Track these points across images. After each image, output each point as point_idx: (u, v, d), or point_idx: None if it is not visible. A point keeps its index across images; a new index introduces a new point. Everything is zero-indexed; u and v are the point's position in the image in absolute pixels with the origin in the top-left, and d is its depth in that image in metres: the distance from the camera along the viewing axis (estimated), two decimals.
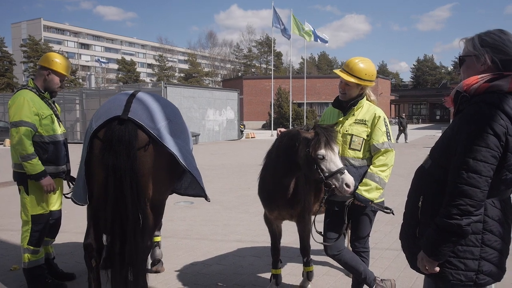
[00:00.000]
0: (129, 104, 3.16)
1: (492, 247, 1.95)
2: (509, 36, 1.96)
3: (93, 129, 3.10)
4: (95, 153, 3.10)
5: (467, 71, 2.04)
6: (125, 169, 2.97)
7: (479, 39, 1.99)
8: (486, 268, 1.94)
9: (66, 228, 4.37)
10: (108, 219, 3.01)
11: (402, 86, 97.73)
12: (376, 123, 3.27)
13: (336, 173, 2.97)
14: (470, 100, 1.92)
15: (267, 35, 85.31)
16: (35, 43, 66.77)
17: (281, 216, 3.66)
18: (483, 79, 1.91)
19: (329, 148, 3.00)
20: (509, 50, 1.93)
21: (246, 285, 4.12)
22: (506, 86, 1.88)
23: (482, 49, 1.96)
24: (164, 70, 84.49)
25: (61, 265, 4.35)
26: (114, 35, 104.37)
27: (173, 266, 4.62)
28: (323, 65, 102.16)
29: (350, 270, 3.38)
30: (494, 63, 1.95)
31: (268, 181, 3.52)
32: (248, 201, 8.17)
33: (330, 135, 3.04)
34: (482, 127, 1.81)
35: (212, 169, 13.05)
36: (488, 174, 1.82)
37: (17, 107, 3.75)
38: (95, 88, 30.74)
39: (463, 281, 1.94)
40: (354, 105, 3.33)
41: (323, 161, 3.00)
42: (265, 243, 5.45)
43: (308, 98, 42.12)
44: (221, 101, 29.06)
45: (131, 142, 3.01)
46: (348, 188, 2.95)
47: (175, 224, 6.44)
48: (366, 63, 3.29)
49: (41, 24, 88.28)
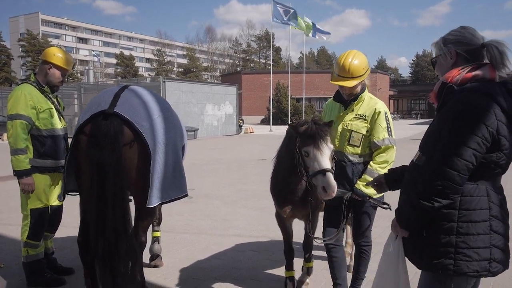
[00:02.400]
0: (117, 98, 3.11)
1: (499, 233, 1.95)
2: (469, 29, 2.10)
3: (79, 123, 3.08)
4: (82, 148, 3.07)
5: (440, 69, 2.17)
6: (109, 165, 2.93)
7: (442, 40, 2.15)
8: (497, 256, 1.93)
9: (65, 222, 4.37)
10: (93, 215, 2.98)
11: (401, 81, 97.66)
12: (376, 119, 3.21)
13: (317, 173, 2.84)
14: (456, 91, 1.97)
15: (266, 30, 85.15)
16: (32, 38, 66.54)
17: (294, 214, 3.59)
18: (464, 70, 2.00)
19: (315, 146, 2.89)
20: (469, 40, 2.06)
21: (244, 279, 4.14)
22: (488, 74, 1.98)
23: (445, 47, 2.11)
24: (163, 64, 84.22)
25: (60, 260, 4.36)
26: (113, 29, 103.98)
27: (172, 261, 4.63)
28: (322, 60, 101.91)
29: (335, 268, 3.32)
30: (460, 55, 2.06)
31: (279, 179, 3.45)
32: (247, 196, 8.17)
33: (320, 132, 2.92)
34: (469, 115, 1.84)
35: (211, 164, 13.06)
36: (470, 159, 1.83)
37: (14, 100, 3.77)
38: (93, 83, 30.69)
39: (479, 271, 1.91)
40: (354, 100, 3.28)
41: (308, 158, 2.92)
42: (264, 237, 5.47)
43: (307, 93, 42.06)
44: (219, 96, 29.02)
45: (117, 137, 2.97)
46: (324, 192, 2.79)
47: (173, 219, 6.45)
48: (358, 57, 3.17)
49: (39, 19, 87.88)
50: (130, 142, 3.05)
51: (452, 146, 1.85)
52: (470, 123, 1.84)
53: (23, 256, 3.89)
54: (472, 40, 2.06)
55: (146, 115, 3.12)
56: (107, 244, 2.94)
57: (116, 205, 2.96)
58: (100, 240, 2.94)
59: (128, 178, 3.06)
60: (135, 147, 3.08)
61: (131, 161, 3.07)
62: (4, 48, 66.15)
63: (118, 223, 2.97)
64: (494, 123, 1.84)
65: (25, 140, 3.73)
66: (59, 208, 4.10)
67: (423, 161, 2.05)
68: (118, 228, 2.97)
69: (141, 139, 3.05)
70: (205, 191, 8.65)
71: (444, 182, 1.84)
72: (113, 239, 2.94)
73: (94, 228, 2.97)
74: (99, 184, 2.94)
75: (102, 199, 2.94)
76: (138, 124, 3.04)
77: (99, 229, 2.94)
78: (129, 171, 3.07)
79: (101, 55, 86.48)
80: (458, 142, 1.84)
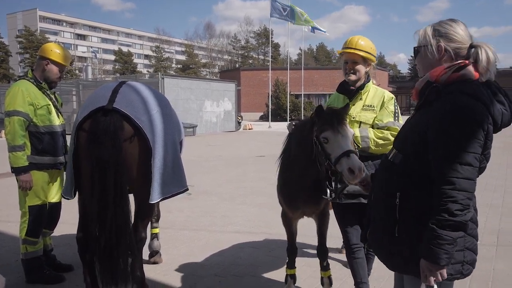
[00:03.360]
0: (115, 94, 3.10)
1: (472, 235, 1.95)
2: (460, 25, 1.98)
3: (78, 120, 3.07)
4: (81, 144, 3.06)
5: (422, 62, 2.06)
6: (109, 161, 2.92)
7: (432, 29, 2.00)
8: (469, 258, 1.93)
9: (63, 219, 4.36)
10: (94, 211, 2.97)
11: (399, 77, 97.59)
12: (387, 103, 3.19)
13: (341, 157, 2.60)
14: (443, 91, 1.90)
15: (264, 26, 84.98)
16: (30, 34, 66.33)
17: (304, 213, 3.47)
18: (450, 69, 1.91)
19: (334, 130, 2.70)
20: (461, 38, 1.96)
21: (244, 275, 4.14)
22: (473, 75, 1.90)
23: (434, 39, 1.98)
24: (161, 61, 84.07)
25: (59, 257, 4.35)
26: (111, 25, 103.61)
27: (171, 258, 4.63)
28: (321, 56, 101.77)
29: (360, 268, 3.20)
30: (447, 52, 1.97)
31: (290, 179, 3.27)
32: (246, 192, 8.15)
33: (338, 116, 2.76)
34: (467, 119, 1.79)
35: (210, 161, 13.05)
36: (477, 165, 1.81)
37: (11, 97, 3.76)
38: (92, 79, 30.62)
39: (452, 274, 1.90)
40: (362, 88, 3.22)
41: (328, 145, 2.71)
42: (263, 234, 5.47)
43: (306, 89, 41.95)
44: (218, 93, 28.96)
45: (116, 133, 2.96)
46: (352, 174, 2.50)
47: (173, 215, 6.45)
48: (366, 40, 3.28)
49: (37, 15, 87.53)
50: (130, 137, 3.04)
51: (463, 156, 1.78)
52: (472, 127, 1.79)
53: (21, 253, 3.89)
54: (463, 38, 1.96)
55: (145, 110, 3.11)
56: (108, 240, 2.93)
57: (117, 201, 2.95)
58: (102, 236, 2.93)
59: (128, 174, 3.05)
60: (135, 142, 3.07)
61: (131, 157, 3.07)
62: (2, 44, 65.91)
63: (120, 219, 2.96)
64: (486, 127, 1.81)
65: (22, 137, 3.72)
66: (57, 205, 4.09)
67: (400, 159, 1.99)
68: (120, 224, 2.96)
69: (141, 134, 3.05)
70: (204, 188, 8.65)
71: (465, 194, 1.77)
72: (114, 235, 2.94)
73: (95, 224, 2.96)
74: (100, 181, 2.93)
75: (103, 196, 2.93)
76: (137, 119, 3.03)
77: (100, 225, 2.94)
78: (129, 167, 3.07)
79: (99, 52, 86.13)
80: (464, 148, 1.78)
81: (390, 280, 3.91)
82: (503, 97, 1.90)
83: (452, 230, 1.75)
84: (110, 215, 2.93)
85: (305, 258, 4.53)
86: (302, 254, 3.95)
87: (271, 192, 8.03)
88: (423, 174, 1.89)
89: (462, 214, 1.75)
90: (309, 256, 4.63)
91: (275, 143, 3.57)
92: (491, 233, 5.35)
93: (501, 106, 1.87)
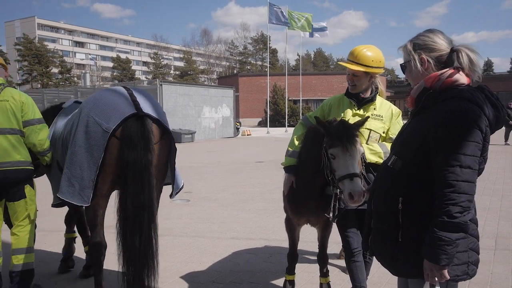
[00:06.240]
0: (136, 100, 3.22)
1: (474, 236, 1.98)
2: (437, 34, 2.06)
3: (109, 128, 3.07)
4: (111, 151, 3.12)
5: (411, 75, 2.14)
6: (146, 164, 3.05)
7: (411, 45, 2.09)
8: (473, 258, 1.97)
9: (61, 227, 4.35)
10: (130, 215, 3.05)
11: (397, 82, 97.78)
12: (396, 118, 3.25)
13: (344, 178, 2.60)
14: (439, 97, 1.95)
15: (262, 32, 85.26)
16: (29, 42, 66.34)
17: (309, 221, 3.47)
18: (443, 75, 1.97)
19: (343, 148, 2.65)
20: (439, 46, 2.03)
21: (242, 282, 4.13)
22: (464, 80, 1.96)
23: (415, 53, 2.06)
24: (160, 68, 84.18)
25: (55, 263, 4.33)
26: (109, 32, 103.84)
27: (169, 264, 4.62)
28: (318, 62, 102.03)
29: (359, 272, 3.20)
30: (430, 62, 2.04)
31: (297, 186, 3.24)
32: (244, 198, 8.17)
33: (349, 134, 2.69)
34: (466, 122, 1.83)
35: (208, 167, 13.04)
36: (477, 167, 1.85)
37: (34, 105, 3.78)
38: (90, 86, 30.62)
39: (459, 276, 1.93)
40: (372, 101, 3.23)
41: (335, 161, 2.69)
42: (261, 240, 5.46)
43: (304, 95, 42.05)
44: (216, 99, 28.98)
45: (150, 137, 3.12)
46: (351, 199, 2.52)
47: (171, 222, 6.44)
48: (372, 50, 3.17)
49: (35, 23, 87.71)
50: (159, 140, 3.25)
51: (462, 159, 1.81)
52: (471, 131, 1.82)
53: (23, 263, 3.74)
54: (443, 45, 2.03)
55: (163, 113, 3.39)
56: (144, 241, 3.05)
57: (151, 203, 3.09)
58: (136, 238, 3.04)
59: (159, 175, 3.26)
60: (163, 145, 3.29)
61: (159, 158, 3.25)
62: (0, 52, 66.00)
63: (153, 220, 3.11)
64: (484, 129, 1.86)
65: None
66: None
67: (400, 165, 2.03)
68: (155, 223, 3.12)
69: (168, 136, 3.31)
70: (203, 194, 8.63)
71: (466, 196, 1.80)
72: (147, 236, 3.06)
73: (131, 226, 3.06)
74: (135, 184, 3.04)
75: (140, 198, 3.04)
76: (165, 122, 3.29)
77: (135, 227, 3.05)
78: (158, 168, 3.26)
79: (97, 59, 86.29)
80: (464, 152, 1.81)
81: (388, 285, 3.92)
82: (495, 100, 1.96)
83: (452, 231, 1.80)
84: (146, 217, 3.06)
85: (303, 264, 4.52)
86: (300, 260, 3.94)
87: (270, 198, 8.06)
88: (424, 178, 1.93)
89: (462, 216, 1.79)
90: (307, 262, 4.62)
91: (273, 148, 3.59)
92: (490, 237, 5.36)
93: (494, 109, 1.93)
